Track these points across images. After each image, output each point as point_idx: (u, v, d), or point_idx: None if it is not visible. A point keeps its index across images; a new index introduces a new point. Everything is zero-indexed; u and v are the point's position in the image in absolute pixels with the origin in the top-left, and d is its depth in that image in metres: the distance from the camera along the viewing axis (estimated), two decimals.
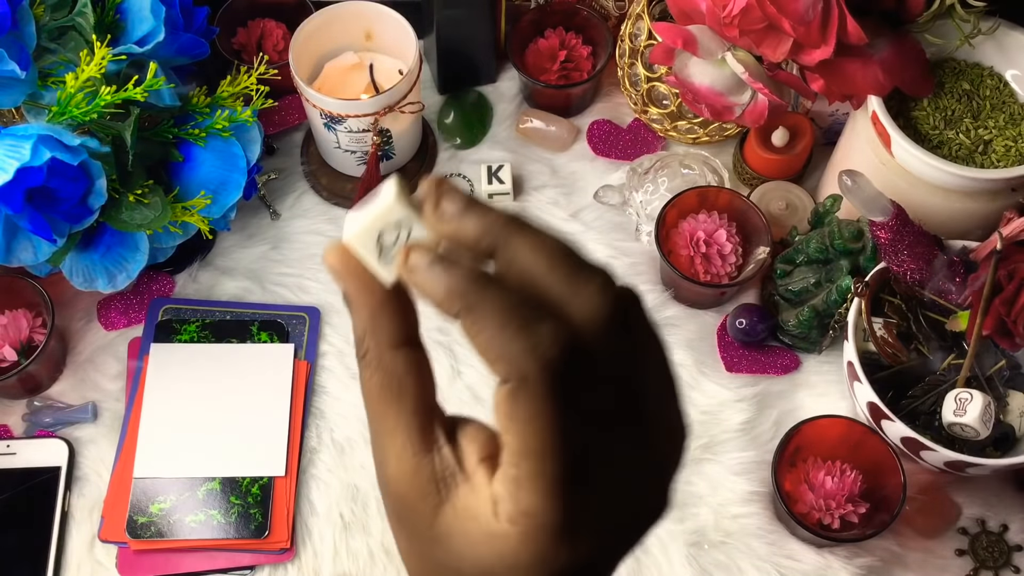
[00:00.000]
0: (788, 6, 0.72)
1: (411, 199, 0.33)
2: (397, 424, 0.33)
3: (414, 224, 0.33)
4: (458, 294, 0.30)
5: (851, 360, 0.78)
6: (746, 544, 0.82)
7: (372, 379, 0.33)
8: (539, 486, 0.30)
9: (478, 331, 0.30)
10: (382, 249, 0.33)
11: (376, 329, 0.33)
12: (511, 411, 0.29)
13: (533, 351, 0.29)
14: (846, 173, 0.77)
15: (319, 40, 0.93)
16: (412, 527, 0.33)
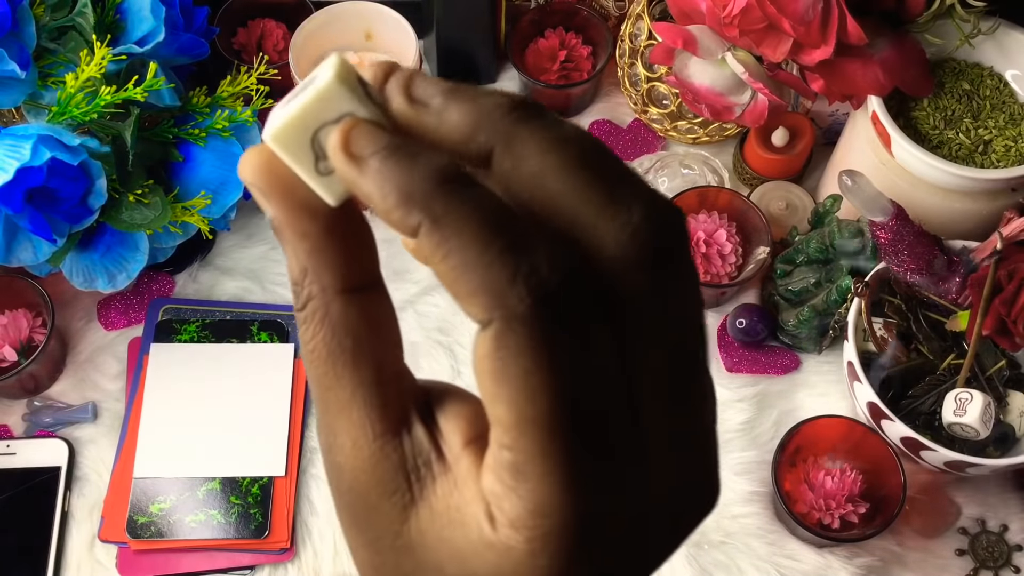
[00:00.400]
0: (788, 6, 0.72)
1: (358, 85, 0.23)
2: (352, 397, 0.25)
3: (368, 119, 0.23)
4: (420, 197, 0.21)
5: (851, 360, 0.78)
6: (746, 544, 0.82)
7: (316, 337, 0.24)
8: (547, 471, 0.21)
9: (446, 253, 0.21)
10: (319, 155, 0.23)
11: (320, 266, 0.24)
12: (498, 367, 0.21)
13: (525, 280, 0.21)
14: (846, 173, 0.77)
15: (319, 40, 0.93)
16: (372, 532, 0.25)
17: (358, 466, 0.25)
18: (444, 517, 0.23)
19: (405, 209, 0.21)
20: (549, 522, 0.22)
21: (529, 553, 0.22)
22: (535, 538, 0.22)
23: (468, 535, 0.23)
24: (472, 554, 0.23)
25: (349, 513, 0.26)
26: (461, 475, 0.24)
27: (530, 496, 0.22)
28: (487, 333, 0.21)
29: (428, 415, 0.25)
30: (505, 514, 0.22)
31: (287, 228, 0.24)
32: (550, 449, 0.21)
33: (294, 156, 0.23)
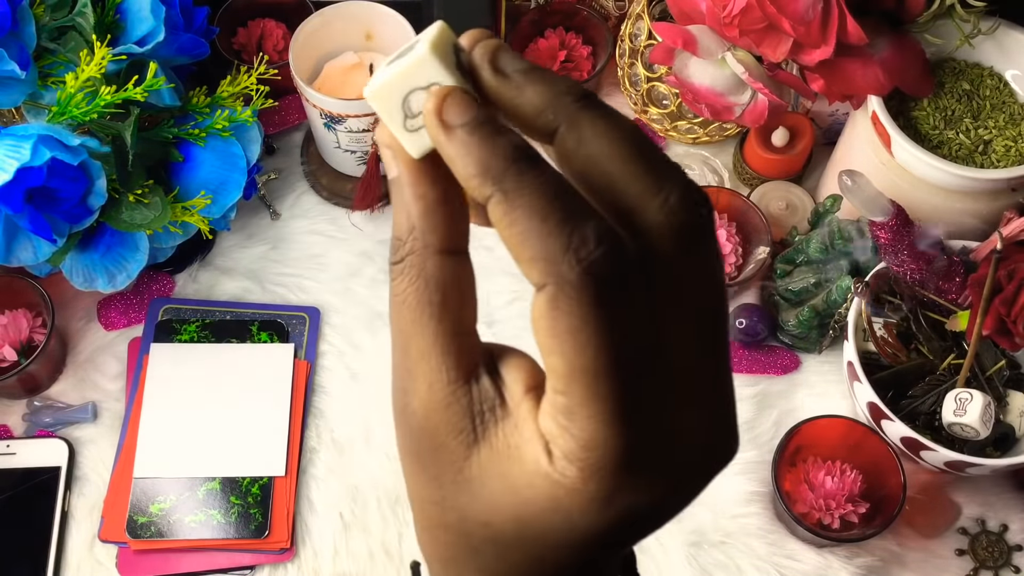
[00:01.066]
0: (788, 6, 0.72)
1: (453, 54, 0.27)
2: (433, 345, 0.28)
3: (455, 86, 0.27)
4: (496, 172, 0.25)
5: (851, 360, 0.78)
6: (746, 544, 0.82)
7: (410, 288, 0.28)
8: (595, 412, 0.25)
9: (511, 222, 0.25)
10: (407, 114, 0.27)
11: (428, 227, 0.28)
12: (552, 325, 0.25)
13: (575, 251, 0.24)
14: (846, 173, 0.77)
15: (319, 40, 0.93)
16: (436, 468, 0.28)
17: (431, 407, 0.28)
18: (503, 454, 0.27)
19: (481, 179, 0.25)
20: (597, 454, 0.25)
21: (581, 480, 0.26)
22: (585, 467, 0.25)
23: (525, 469, 0.26)
24: (527, 485, 0.26)
25: (416, 452, 0.29)
26: (521, 417, 0.27)
27: (580, 433, 0.25)
28: (543, 295, 0.25)
29: (493, 368, 0.29)
30: (560, 449, 0.26)
31: (408, 187, 0.28)
32: (596, 393, 0.25)
33: (387, 111, 0.27)
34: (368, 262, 0.95)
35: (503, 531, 0.28)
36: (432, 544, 0.30)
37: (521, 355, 0.29)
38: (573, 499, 0.26)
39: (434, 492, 0.29)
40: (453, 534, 0.29)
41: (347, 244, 0.96)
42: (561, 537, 0.27)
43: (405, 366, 0.28)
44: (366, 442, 0.87)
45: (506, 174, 0.25)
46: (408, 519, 0.84)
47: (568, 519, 0.26)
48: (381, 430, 0.87)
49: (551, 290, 0.25)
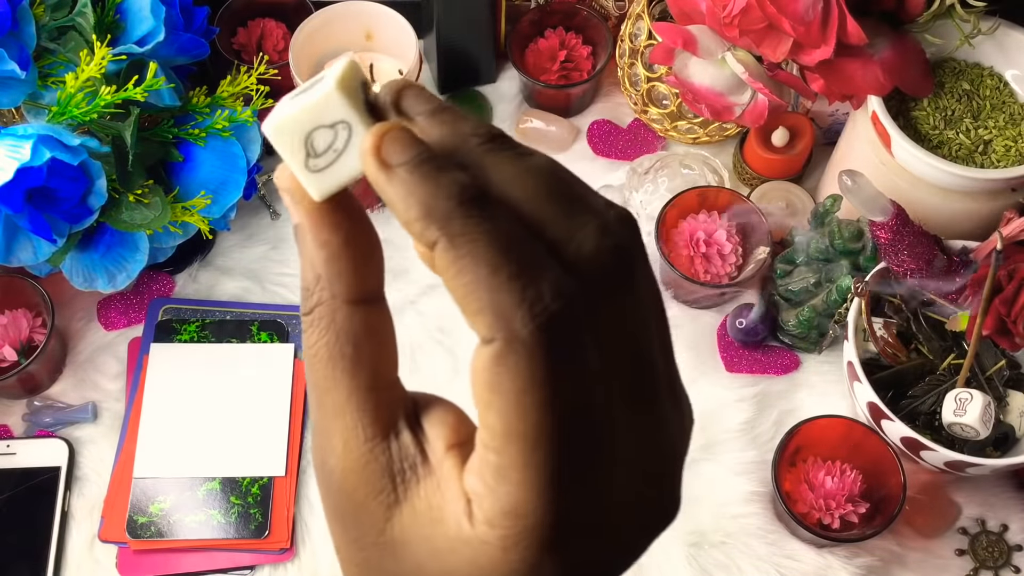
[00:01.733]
0: (788, 6, 0.72)
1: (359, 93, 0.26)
2: (348, 401, 0.26)
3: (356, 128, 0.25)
4: (440, 215, 0.23)
5: (851, 360, 0.78)
6: (746, 544, 0.82)
7: (320, 341, 0.26)
8: (528, 478, 0.23)
9: (458, 271, 0.23)
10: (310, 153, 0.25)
11: (334, 276, 0.26)
12: (495, 381, 0.23)
13: (531, 305, 0.22)
14: (846, 173, 0.77)
15: (319, 40, 0.93)
16: (358, 531, 0.27)
17: (348, 467, 0.26)
18: (425, 516, 0.25)
19: (425, 223, 0.23)
20: (523, 523, 0.24)
21: (502, 549, 0.24)
22: (508, 536, 0.24)
23: (447, 532, 0.25)
24: (449, 550, 0.25)
25: (336, 512, 0.27)
26: (444, 476, 0.26)
27: (507, 498, 0.24)
28: (488, 349, 0.23)
29: (415, 422, 0.27)
30: (483, 512, 0.24)
31: (310, 234, 0.26)
32: (532, 460, 0.23)
33: (288, 149, 0.25)
34: None
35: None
36: None
37: (446, 406, 0.28)
38: (496, 570, 0.24)
39: (356, 554, 0.27)
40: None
41: None
42: None
43: (321, 423, 0.27)
44: None
45: (452, 216, 0.23)
46: None
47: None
48: None
49: (499, 346, 0.23)
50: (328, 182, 0.26)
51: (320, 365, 0.26)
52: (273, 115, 0.26)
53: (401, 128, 0.25)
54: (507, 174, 0.24)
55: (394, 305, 0.90)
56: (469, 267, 0.23)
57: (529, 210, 0.24)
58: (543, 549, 0.24)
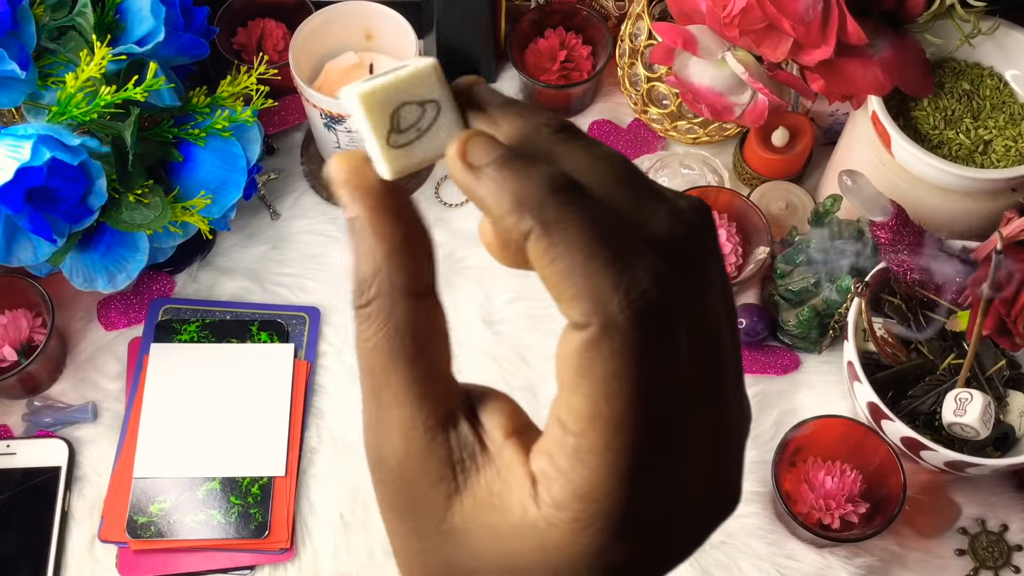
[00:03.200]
0: (788, 6, 0.72)
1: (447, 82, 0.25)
2: (406, 394, 0.26)
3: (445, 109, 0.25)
4: (534, 204, 0.23)
5: (851, 360, 0.78)
6: (746, 544, 0.82)
7: (378, 334, 0.26)
8: (607, 462, 0.23)
9: (553, 259, 0.23)
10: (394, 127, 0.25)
11: (395, 268, 0.26)
12: (585, 365, 0.23)
13: (627, 291, 0.23)
14: (846, 173, 0.77)
15: (319, 40, 0.93)
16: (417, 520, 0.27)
17: (407, 458, 0.26)
18: (487, 503, 0.26)
19: (518, 215, 0.24)
20: (595, 507, 0.24)
21: (572, 532, 0.24)
22: (579, 519, 0.24)
23: (511, 517, 0.25)
24: (514, 535, 0.25)
25: (393, 503, 0.27)
26: (504, 463, 0.26)
27: (581, 481, 0.24)
28: (581, 334, 0.23)
29: (472, 412, 0.27)
30: (552, 495, 0.24)
31: (370, 227, 0.26)
32: (613, 444, 0.23)
33: (372, 120, 0.25)
34: None
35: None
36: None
37: (500, 397, 0.28)
38: (561, 553, 0.24)
39: (415, 543, 0.27)
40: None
41: (347, 244, 0.96)
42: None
43: (377, 416, 0.27)
44: None
45: (545, 204, 0.23)
46: None
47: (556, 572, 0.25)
48: None
49: (594, 331, 0.23)
50: (406, 160, 0.25)
51: (378, 357, 0.26)
52: (358, 83, 0.25)
53: (481, 132, 0.25)
54: (580, 162, 0.25)
55: None
56: (564, 254, 0.23)
57: (603, 197, 0.24)
58: (613, 534, 0.24)
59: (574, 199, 0.24)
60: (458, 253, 0.96)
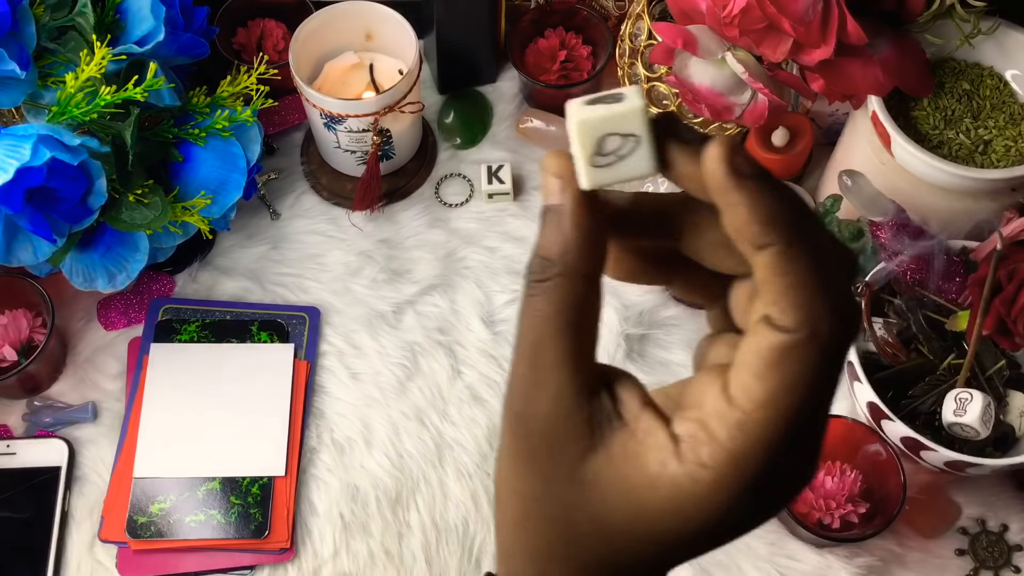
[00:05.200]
0: (788, 6, 0.72)
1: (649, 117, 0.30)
2: (565, 360, 0.31)
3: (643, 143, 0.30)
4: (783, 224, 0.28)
5: (851, 360, 0.78)
6: (746, 544, 0.82)
7: (551, 304, 0.31)
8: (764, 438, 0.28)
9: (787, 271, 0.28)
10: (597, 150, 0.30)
11: (581, 254, 0.30)
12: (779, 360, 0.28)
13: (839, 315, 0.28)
14: (846, 173, 0.77)
15: (319, 40, 0.93)
16: (549, 467, 0.31)
17: (556, 414, 0.31)
18: (621, 459, 0.30)
19: (767, 228, 0.28)
20: (740, 471, 0.28)
21: (712, 488, 0.29)
22: (723, 478, 0.28)
23: (646, 472, 0.29)
24: (645, 486, 0.29)
25: (530, 450, 0.31)
26: (642, 428, 0.30)
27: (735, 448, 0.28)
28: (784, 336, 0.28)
29: (609, 386, 0.32)
30: (699, 455, 0.29)
31: (569, 216, 0.31)
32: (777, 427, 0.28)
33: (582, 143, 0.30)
34: (368, 262, 0.95)
35: (612, 527, 0.30)
36: (525, 536, 0.33)
37: (631, 377, 0.33)
38: (695, 503, 0.29)
39: (541, 488, 0.31)
40: (555, 524, 0.32)
41: (347, 244, 0.96)
42: (668, 536, 0.30)
43: (532, 376, 0.31)
44: (366, 442, 0.87)
45: (792, 226, 0.28)
46: (408, 520, 0.84)
47: (684, 519, 0.29)
48: (381, 430, 0.87)
49: (799, 338, 0.28)
50: (603, 178, 0.30)
51: (547, 325, 0.30)
52: (575, 112, 0.30)
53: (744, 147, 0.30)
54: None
55: (394, 305, 0.90)
56: (796, 270, 0.28)
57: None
58: (744, 493, 0.29)
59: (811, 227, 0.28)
60: (458, 253, 0.96)
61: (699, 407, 0.30)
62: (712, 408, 0.29)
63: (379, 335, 0.92)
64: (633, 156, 0.30)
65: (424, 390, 0.89)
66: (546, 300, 0.31)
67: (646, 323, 0.91)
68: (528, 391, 0.31)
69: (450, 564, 0.83)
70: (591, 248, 0.31)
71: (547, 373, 0.31)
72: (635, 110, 0.30)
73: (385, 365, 0.90)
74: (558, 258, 0.31)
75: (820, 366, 0.28)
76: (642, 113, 0.30)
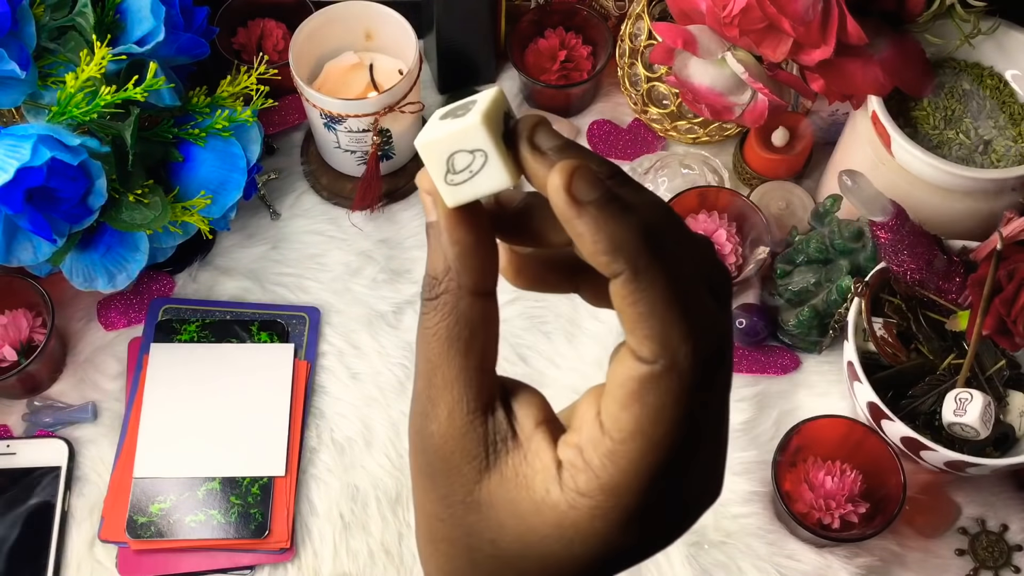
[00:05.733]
0: (788, 6, 0.72)
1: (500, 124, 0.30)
2: (458, 377, 0.30)
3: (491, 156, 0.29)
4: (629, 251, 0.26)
5: (851, 360, 0.78)
6: (746, 544, 0.82)
7: (441, 323, 0.30)
8: (638, 469, 0.27)
9: (636, 301, 0.27)
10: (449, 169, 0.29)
11: (463, 269, 0.30)
12: (641, 392, 0.27)
13: (695, 342, 0.27)
14: (846, 173, 0.77)
15: (319, 40, 0.93)
16: (447, 489, 0.30)
17: (449, 433, 0.30)
18: (512, 482, 0.29)
19: (612, 257, 0.27)
20: (616, 501, 0.28)
21: (591, 517, 0.28)
22: (600, 507, 0.28)
23: (533, 496, 0.29)
24: (533, 512, 0.29)
25: (428, 471, 0.31)
26: (532, 449, 0.30)
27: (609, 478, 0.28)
28: (644, 367, 0.27)
29: (506, 403, 0.31)
30: (578, 483, 0.28)
31: (445, 232, 0.30)
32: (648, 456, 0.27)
33: (432, 163, 0.30)
34: (368, 262, 0.95)
35: (507, 550, 0.30)
36: (434, 555, 0.32)
37: (531, 391, 0.32)
38: (577, 532, 0.28)
39: (442, 510, 0.31)
40: (456, 548, 0.31)
41: (347, 244, 0.96)
42: (560, 561, 0.29)
43: (428, 393, 0.31)
44: (366, 442, 0.87)
45: (639, 252, 0.26)
46: (408, 519, 0.84)
47: (569, 547, 0.28)
48: (381, 430, 0.87)
49: (658, 369, 0.27)
50: (461, 195, 0.30)
51: (437, 343, 0.30)
52: (424, 132, 0.30)
53: (586, 167, 0.27)
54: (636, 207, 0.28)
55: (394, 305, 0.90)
56: (646, 299, 0.26)
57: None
58: (625, 523, 0.28)
59: (663, 251, 0.27)
60: None
61: (579, 431, 0.29)
62: (587, 435, 0.29)
63: (379, 335, 0.92)
64: (485, 170, 0.29)
65: None
66: (436, 318, 0.30)
67: None
68: (424, 409, 0.31)
69: None
70: (474, 262, 0.30)
71: (440, 391, 0.30)
72: (473, 125, 0.28)
73: (385, 365, 0.90)
74: (442, 276, 0.30)
75: (684, 396, 0.27)
76: (481, 127, 0.28)
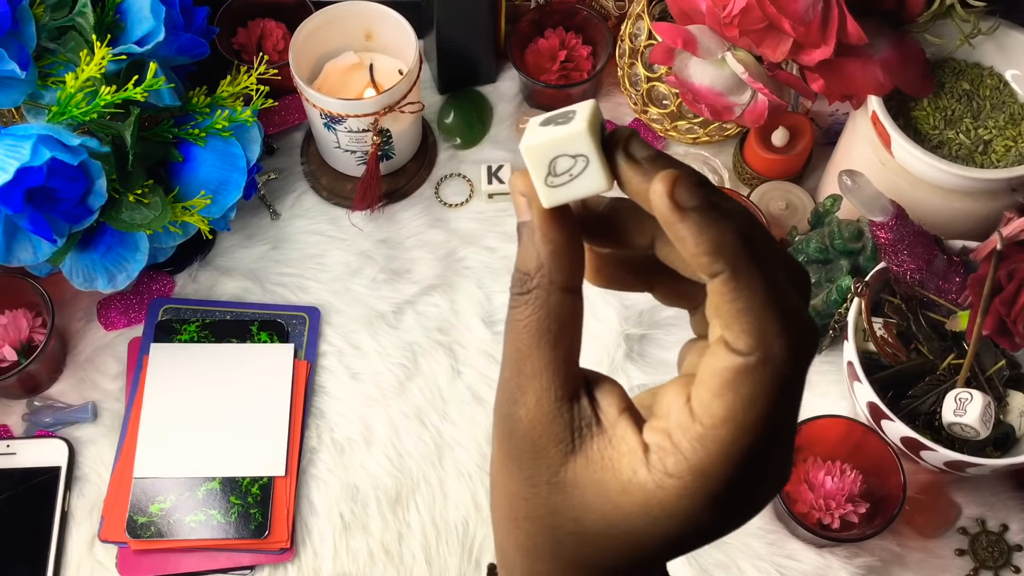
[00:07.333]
0: (788, 6, 0.72)
1: (599, 132, 0.32)
2: (546, 367, 0.32)
3: (592, 161, 0.31)
4: (729, 253, 0.29)
5: (851, 360, 0.78)
6: (746, 544, 0.82)
7: (532, 316, 0.32)
8: (726, 454, 0.29)
9: (735, 298, 0.29)
10: (550, 172, 0.32)
11: (555, 267, 0.32)
12: (736, 381, 0.29)
13: (791, 337, 0.29)
14: (846, 173, 0.77)
15: (319, 40, 0.93)
16: (533, 471, 0.32)
17: (538, 419, 0.32)
18: (598, 464, 0.31)
19: (713, 258, 0.29)
20: (703, 482, 0.29)
21: (678, 496, 0.30)
22: (687, 487, 0.29)
23: (619, 477, 0.31)
24: (619, 491, 0.31)
25: (514, 453, 0.33)
26: (617, 434, 0.32)
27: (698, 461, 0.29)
28: (740, 359, 0.29)
29: (590, 392, 0.33)
30: (666, 465, 0.30)
31: (539, 232, 0.32)
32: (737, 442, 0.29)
33: (535, 166, 0.32)
34: (368, 262, 0.95)
35: (590, 528, 0.32)
36: (515, 532, 0.34)
37: (612, 382, 0.34)
38: (663, 510, 0.30)
39: (527, 489, 0.33)
40: (540, 525, 0.33)
41: (347, 244, 0.96)
42: (641, 538, 0.31)
43: (517, 381, 0.32)
44: (366, 442, 0.87)
45: (739, 254, 0.29)
46: (408, 519, 0.84)
47: (653, 524, 0.30)
48: (381, 430, 0.87)
49: (754, 361, 0.29)
50: (559, 196, 0.32)
51: (527, 335, 0.32)
52: (527, 137, 0.32)
53: (686, 176, 0.29)
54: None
55: (394, 305, 0.90)
56: (745, 296, 0.29)
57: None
58: (710, 503, 0.30)
59: (759, 253, 0.29)
60: (458, 253, 0.96)
61: (666, 417, 0.31)
62: (676, 420, 0.30)
63: (379, 335, 0.92)
64: (585, 174, 0.31)
65: (424, 390, 0.89)
66: (527, 311, 0.32)
67: (646, 323, 0.91)
68: (513, 395, 0.33)
69: (450, 564, 0.83)
70: (565, 260, 0.32)
71: (529, 380, 0.32)
72: (580, 132, 0.31)
73: (385, 365, 0.90)
74: (534, 272, 0.32)
75: (776, 386, 0.29)
76: (587, 134, 0.31)
